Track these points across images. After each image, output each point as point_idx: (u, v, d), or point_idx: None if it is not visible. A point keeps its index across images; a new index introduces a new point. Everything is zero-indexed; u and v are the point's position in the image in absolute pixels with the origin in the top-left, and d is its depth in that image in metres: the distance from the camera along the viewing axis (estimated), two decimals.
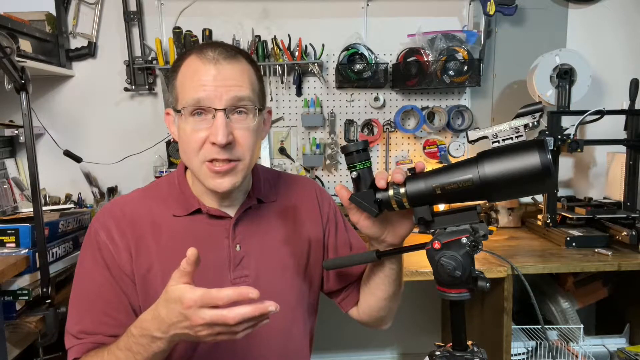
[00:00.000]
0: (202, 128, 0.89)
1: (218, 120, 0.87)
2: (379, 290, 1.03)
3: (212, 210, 0.98)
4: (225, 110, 0.88)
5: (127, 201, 1.01)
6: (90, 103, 2.20)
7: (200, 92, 0.88)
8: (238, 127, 0.90)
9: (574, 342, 1.92)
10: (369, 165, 0.83)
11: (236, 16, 2.21)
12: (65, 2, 2.12)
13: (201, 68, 0.89)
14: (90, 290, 0.94)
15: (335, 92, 2.29)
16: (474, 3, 2.25)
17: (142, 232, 0.96)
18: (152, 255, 0.95)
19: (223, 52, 0.91)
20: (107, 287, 0.93)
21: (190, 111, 0.89)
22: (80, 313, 0.94)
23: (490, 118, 2.35)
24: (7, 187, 1.92)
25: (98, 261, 0.94)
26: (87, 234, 0.97)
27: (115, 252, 0.94)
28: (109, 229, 0.95)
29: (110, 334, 0.91)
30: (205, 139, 0.89)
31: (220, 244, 0.98)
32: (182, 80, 0.92)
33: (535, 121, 1.81)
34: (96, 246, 0.95)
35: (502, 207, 2.25)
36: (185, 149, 0.92)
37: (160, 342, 0.78)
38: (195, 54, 0.92)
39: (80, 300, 0.95)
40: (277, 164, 2.30)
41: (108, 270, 0.93)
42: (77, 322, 0.93)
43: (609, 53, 2.34)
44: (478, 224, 0.77)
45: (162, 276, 0.94)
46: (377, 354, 2.50)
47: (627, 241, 1.78)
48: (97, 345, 0.90)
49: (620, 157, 2.06)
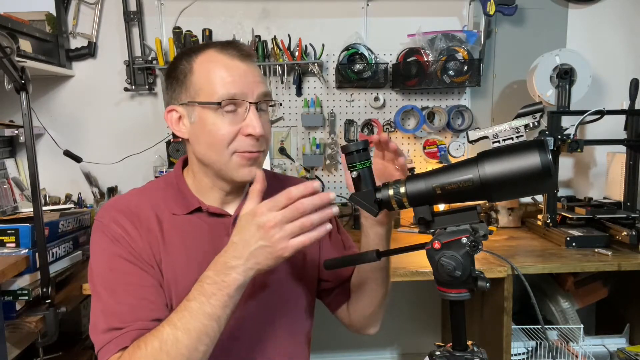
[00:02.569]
0: (235, 121, 0.92)
1: (253, 114, 0.92)
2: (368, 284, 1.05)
3: (212, 209, 0.99)
4: (257, 104, 0.93)
5: (128, 198, 1.00)
6: (90, 103, 2.20)
7: (234, 87, 0.91)
8: (262, 120, 0.94)
9: (574, 342, 1.92)
10: (369, 165, 0.83)
11: (236, 16, 2.21)
12: (65, 2, 2.12)
13: (230, 63, 0.92)
14: (118, 281, 0.90)
15: (335, 92, 2.29)
16: (474, 3, 2.25)
17: (149, 224, 0.95)
18: (160, 250, 0.94)
19: (244, 50, 0.95)
20: (133, 272, 0.90)
21: (226, 104, 0.91)
22: (111, 303, 0.88)
23: (490, 118, 2.35)
24: (7, 187, 1.92)
25: (117, 251, 0.91)
26: (97, 230, 0.94)
27: (131, 241, 0.92)
28: (120, 221, 0.93)
29: (151, 319, 0.86)
30: (237, 131, 0.91)
31: (221, 241, 0.97)
32: (205, 74, 0.92)
33: (536, 121, 1.81)
34: (112, 238, 0.92)
35: (502, 207, 2.25)
36: (213, 143, 0.92)
37: (236, 273, 0.78)
38: (217, 50, 0.94)
39: (108, 291, 0.89)
40: (277, 164, 2.30)
41: (130, 257, 0.91)
42: (109, 313, 0.87)
43: (609, 53, 2.34)
44: (478, 224, 0.77)
45: (167, 272, 0.93)
46: (377, 354, 2.50)
47: (627, 241, 1.78)
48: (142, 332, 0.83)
49: (620, 157, 2.06)
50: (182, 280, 0.93)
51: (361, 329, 1.13)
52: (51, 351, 1.50)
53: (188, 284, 0.91)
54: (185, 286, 0.92)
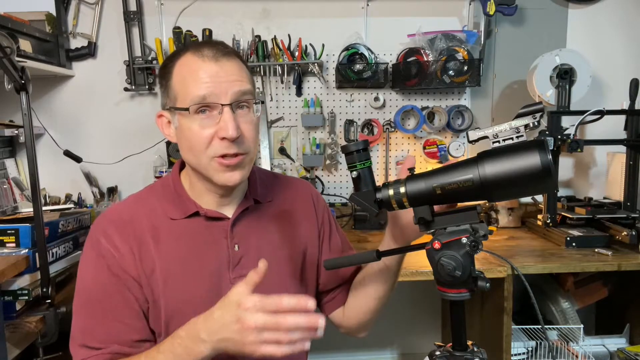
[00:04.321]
0: (209, 124, 0.89)
1: (226, 115, 0.88)
2: (373, 287, 1.04)
3: (209, 212, 0.98)
4: (231, 105, 0.89)
5: (123, 206, 1.00)
6: (90, 103, 2.20)
7: (205, 89, 0.88)
8: (242, 120, 0.91)
9: (574, 342, 1.92)
10: (369, 165, 0.83)
11: (236, 16, 2.21)
12: (65, 2, 2.12)
13: (202, 65, 0.89)
14: (99, 298, 0.92)
15: (335, 92, 2.29)
16: (474, 3, 2.25)
17: (142, 234, 0.95)
18: (154, 259, 0.94)
19: (221, 49, 0.92)
20: (116, 293, 0.92)
21: (195, 109, 0.89)
22: (90, 322, 0.92)
23: (490, 118, 2.35)
24: (7, 187, 1.92)
25: (102, 268, 0.92)
26: (88, 243, 0.96)
27: (118, 257, 0.93)
28: (110, 235, 0.94)
29: (124, 340, 0.90)
30: (213, 135, 0.89)
31: (219, 244, 0.98)
32: (180, 79, 0.91)
33: (536, 121, 1.80)
34: (99, 253, 0.93)
35: (502, 207, 2.25)
36: (192, 147, 0.91)
37: (204, 347, 0.79)
38: (191, 53, 0.91)
39: (88, 310, 0.93)
40: (277, 164, 2.30)
41: (114, 277, 0.92)
42: (88, 332, 0.91)
43: (609, 53, 2.34)
44: (478, 224, 0.77)
45: (162, 279, 0.93)
46: (377, 354, 2.50)
47: (627, 241, 1.78)
48: (116, 356, 0.89)
49: (620, 157, 2.05)
50: (179, 284, 0.93)
51: (354, 331, 1.13)
52: (51, 351, 1.50)
53: (185, 288, 0.91)
54: (182, 290, 0.92)
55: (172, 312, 0.93)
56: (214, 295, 0.94)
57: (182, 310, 0.92)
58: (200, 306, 0.85)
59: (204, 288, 0.95)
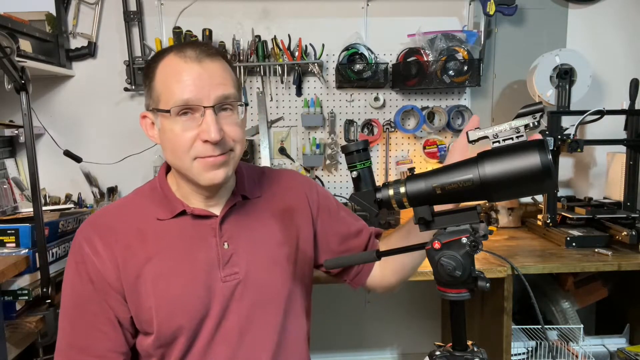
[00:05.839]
0: (191, 127, 0.89)
1: (209, 118, 0.88)
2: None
3: (196, 211, 0.98)
4: (214, 107, 0.88)
5: (108, 211, 1.00)
6: (90, 103, 2.20)
7: (188, 92, 0.87)
8: (225, 122, 0.91)
9: (574, 342, 1.92)
10: (369, 165, 0.83)
11: (236, 16, 2.21)
12: (65, 2, 2.12)
13: (184, 67, 0.89)
14: (77, 304, 0.94)
15: (335, 92, 2.28)
16: (474, 3, 2.25)
17: (127, 240, 0.95)
18: (140, 262, 0.94)
19: (204, 50, 0.91)
20: (93, 301, 0.93)
21: (177, 111, 0.88)
22: (69, 327, 0.94)
23: (490, 118, 2.35)
24: (7, 187, 1.92)
25: (82, 275, 0.93)
26: (71, 248, 0.97)
27: (99, 264, 0.93)
28: (92, 242, 0.94)
29: (100, 349, 0.92)
30: (195, 137, 0.89)
31: (208, 243, 0.98)
32: (163, 80, 0.91)
33: (536, 121, 1.80)
34: (80, 259, 0.94)
35: (502, 207, 2.24)
36: (174, 149, 0.91)
37: None
38: (174, 54, 0.91)
39: (68, 315, 0.95)
40: (277, 164, 2.30)
41: (92, 284, 0.93)
42: (66, 336, 0.94)
43: (609, 53, 2.34)
44: (478, 224, 0.77)
45: (152, 281, 0.93)
46: (377, 354, 2.49)
47: (627, 241, 1.78)
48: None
49: (620, 157, 2.06)
50: (169, 284, 0.93)
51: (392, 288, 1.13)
52: (51, 351, 1.50)
53: (176, 287, 0.91)
54: (173, 289, 0.92)
55: (164, 312, 0.93)
56: (205, 294, 0.94)
57: (174, 310, 0.93)
58: (192, 305, 0.85)
59: (195, 287, 0.95)
